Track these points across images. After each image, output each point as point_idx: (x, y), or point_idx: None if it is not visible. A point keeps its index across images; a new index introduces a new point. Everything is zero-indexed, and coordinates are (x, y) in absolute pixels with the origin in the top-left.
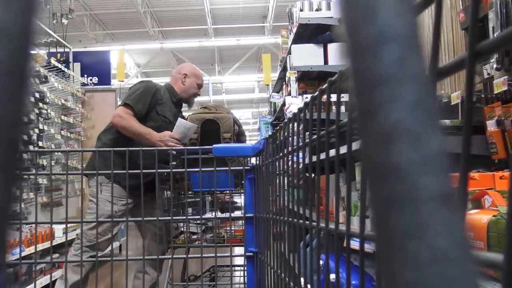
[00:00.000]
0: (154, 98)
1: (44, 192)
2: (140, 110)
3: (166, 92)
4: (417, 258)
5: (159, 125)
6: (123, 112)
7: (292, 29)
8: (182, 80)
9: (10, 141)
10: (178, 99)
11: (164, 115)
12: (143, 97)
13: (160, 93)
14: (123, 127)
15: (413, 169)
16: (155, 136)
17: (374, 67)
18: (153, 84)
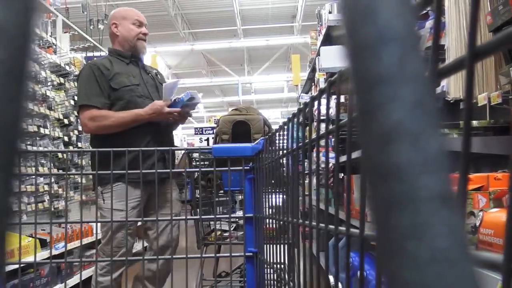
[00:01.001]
0: (99, 78)
1: (84, 191)
2: (100, 101)
3: (112, 60)
4: (417, 258)
5: (129, 98)
6: (87, 117)
7: (321, 30)
8: (114, 32)
9: (10, 141)
10: (129, 56)
11: (125, 85)
12: (91, 86)
13: (103, 67)
14: (103, 128)
15: (413, 169)
16: (145, 113)
17: (374, 67)
18: (88, 65)
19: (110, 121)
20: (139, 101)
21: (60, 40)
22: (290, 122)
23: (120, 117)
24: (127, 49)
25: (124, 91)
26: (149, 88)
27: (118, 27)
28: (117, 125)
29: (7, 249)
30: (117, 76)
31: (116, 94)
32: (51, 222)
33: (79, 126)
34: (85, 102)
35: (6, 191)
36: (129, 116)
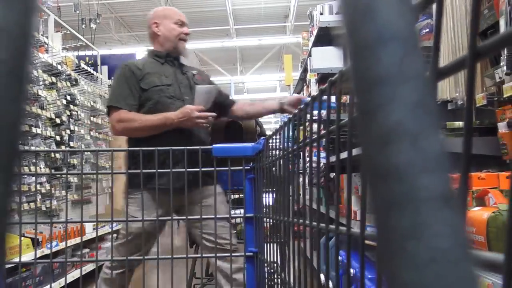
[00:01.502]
0: (130, 79)
1: (75, 190)
2: (130, 103)
3: (146, 60)
4: (417, 259)
5: (157, 99)
6: (115, 118)
7: (312, 31)
8: (155, 32)
9: (10, 141)
10: (165, 55)
11: (155, 85)
12: (120, 88)
13: (136, 68)
14: (130, 131)
15: (412, 170)
16: (175, 117)
17: (374, 67)
18: (121, 66)
19: (137, 123)
20: (168, 102)
21: (52, 39)
22: (291, 122)
23: (147, 120)
24: (167, 48)
25: (153, 92)
26: (182, 89)
27: (159, 27)
28: (145, 128)
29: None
30: (148, 76)
31: (145, 94)
32: (51, 222)
33: (71, 126)
34: (112, 104)
35: (6, 191)
36: (157, 120)
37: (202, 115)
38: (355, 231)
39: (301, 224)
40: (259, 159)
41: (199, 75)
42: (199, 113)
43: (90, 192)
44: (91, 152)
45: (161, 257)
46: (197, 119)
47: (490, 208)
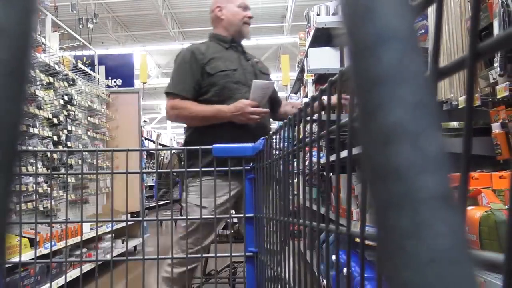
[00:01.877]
0: (194, 64)
1: (72, 190)
2: (186, 90)
3: (210, 44)
4: (417, 258)
5: (223, 84)
6: (170, 105)
7: (309, 32)
8: (218, 16)
9: (10, 141)
10: (230, 41)
11: (220, 70)
12: (180, 73)
13: (199, 52)
14: (182, 118)
15: (412, 170)
16: (228, 110)
17: (374, 67)
18: (187, 49)
19: (189, 112)
20: (234, 87)
21: (49, 39)
22: (291, 122)
23: (200, 111)
24: (231, 33)
25: (219, 76)
26: (247, 74)
27: (222, 10)
28: (195, 118)
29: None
30: (213, 61)
31: (210, 79)
32: (51, 222)
33: (68, 126)
34: (169, 90)
35: (6, 191)
36: (210, 111)
37: (257, 111)
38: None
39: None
40: (259, 159)
41: (259, 63)
42: (253, 108)
43: (88, 192)
44: (90, 152)
45: (161, 257)
46: (250, 115)
47: (483, 207)
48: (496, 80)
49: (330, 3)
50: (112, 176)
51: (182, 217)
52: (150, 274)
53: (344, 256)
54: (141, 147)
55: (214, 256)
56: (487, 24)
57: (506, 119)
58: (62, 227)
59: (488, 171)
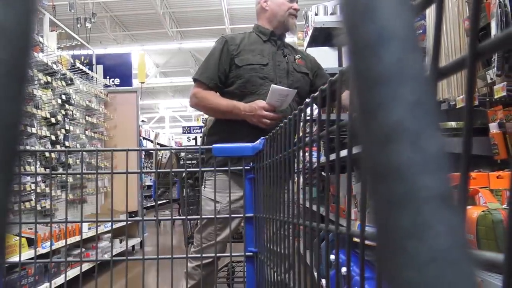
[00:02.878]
0: (224, 54)
1: (70, 190)
2: (210, 78)
3: (248, 36)
4: (417, 258)
5: (248, 78)
6: (193, 92)
7: (307, 31)
8: (263, 7)
9: (10, 141)
10: (269, 33)
11: (249, 63)
12: (209, 61)
13: (233, 42)
14: (200, 107)
15: (413, 169)
16: (243, 109)
17: (374, 66)
18: (222, 37)
19: (207, 103)
20: (259, 82)
21: (47, 39)
22: (291, 122)
23: (217, 104)
24: (275, 25)
25: (245, 69)
26: (278, 71)
27: (268, 1)
28: (213, 110)
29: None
30: (243, 53)
31: (238, 71)
32: (51, 222)
33: (66, 125)
34: (196, 77)
35: (6, 191)
36: (226, 106)
37: (269, 115)
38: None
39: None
40: (259, 159)
41: (301, 60)
42: (266, 113)
43: (86, 191)
44: (90, 152)
45: (161, 257)
46: (263, 118)
47: (480, 207)
48: (494, 80)
49: (328, 3)
50: (112, 176)
51: (181, 217)
52: (150, 274)
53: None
54: (140, 147)
55: (214, 256)
56: (484, 24)
57: (504, 119)
58: (60, 226)
59: (486, 171)
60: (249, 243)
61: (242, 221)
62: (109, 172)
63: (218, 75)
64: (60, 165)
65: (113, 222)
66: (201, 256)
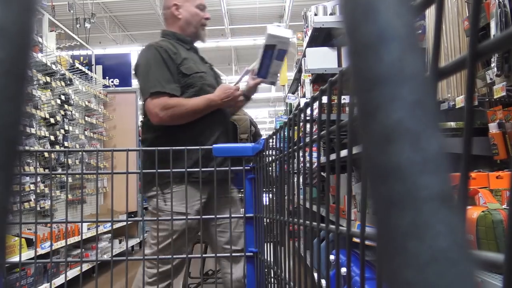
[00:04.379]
0: (168, 62)
1: (70, 190)
2: (174, 88)
3: (173, 43)
4: (417, 258)
5: (199, 87)
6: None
7: (307, 32)
8: (175, 15)
9: (10, 140)
10: (189, 41)
11: (195, 71)
12: (158, 71)
13: (170, 50)
14: (177, 118)
15: (413, 169)
16: (218, 98)
17: (374, 66)
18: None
19: (184, 109)
20: (207, 90)
21: (46, 39)
22: (291, 122)
23: (194, 104)
24: (188, 34)
25: (195, 78)
26: (211, 78)
27: (180, 9)
28: (191, 113)
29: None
30: (186, 62)
31: (187, 80)
32: (52, 222)
33: (65, 125)
34: (158, 89)
35: (6, 191)
36: (203, 103)
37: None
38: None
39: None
40: (259, 159)
41: (214, 67)
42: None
43: (86, 192)
44: (90, 152)
45: (161, 257)
46: (238, 97)
47: (480, 207)
48: (493, 80)
49: (327, 3)
50: (112, 176)
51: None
52: None
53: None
54: (139, 147)
55: (214, 256)
56: (484, 24)
57: (503, 119)
58: (59, 227)
59: (485, 171)
60: (249, 243)
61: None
62: (109, 172)
63: (175, 83)
64: (60, 165)
65: (113, 222)
66: (201, 256)
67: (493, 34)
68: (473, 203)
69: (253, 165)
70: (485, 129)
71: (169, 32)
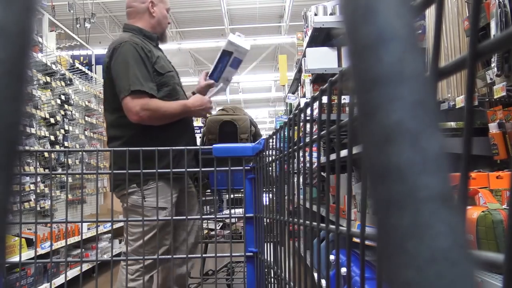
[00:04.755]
0: (145, 60)
1: (69, 190)
2: (152, 87)
3: (142, 40)
4: (417, 258)
5: (173, 85)
6: (141, 104)
7: (307, 32)
8: (150, 11)
9: (10, 140)
10: (156, 38)
11: (167, 70)
12: (138, 69)
13: (145, 48)
14: (155, 119)
15: (413, 169)
16: (192, 105)
17: (374, 67)
18: (130, 44)
19: (163, 112)
20: (178, 90)
21: (46, 39)
22: (291, 121)
23: (172, 109)
24: (155, 33)
25: (168, 77)
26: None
27: (155, 7)
28: (169, 116)
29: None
30: (159, 60)
31: (161, 78)
32: (52, 222)
33: (65, 125)
34: (138, 88)
35: (6, 191)
36: (179, 108)
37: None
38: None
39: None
40: (259, 159)
41: None
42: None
43: (86, 192)
44: (90, 152)
45: (161, 257)
46: (209, 110)
47: (480, 207)
48: (493, 80)
49: (327, 3)
50: (112, 176)
51: (181, 217)
52: None
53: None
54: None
55: (214, 256)
56: (484, 24)
57: (503, 119)
58: (59, 227)
59: (485, 171)
60: (249, 243)
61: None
62: (109, 172)
63: (153, 83)
64: (60, 165)
65: (113, 222)
66: (201, 256)
67: (493, 34)
68: (473, 203)
69: (253, 165)
70: (485, 129)
71: (135, 27)
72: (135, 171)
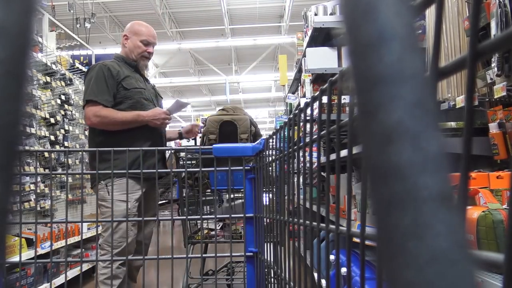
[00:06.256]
0: (108, 78)
1: (69, 190)
2: (107, 99)
3: (120, 64)
4: (418, 258)
5: (136, 100)
6: (93, 111)
7: (307, 32)
8: (123, 43)
9: (10, 140)
10: (134, 64)
11: (134, 87)
12: (99, 83)
13: (114, 68)
14: (105, 124)
15: (413, 169)
16: (146, 115)
17: (374, 66)
18: (101, 64)
19: (112, 118)
20: (145, 103)
21: (46, 39)
22: (291, 121)
23: (123, 116)
24: (131, 60)
25: (134, 92)
26: (151, 94)
27: (127, 40)
28: (120, 123)
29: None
30: (127, 78)
31: (126, 93)
32: (52, 222)
33: (66, 125)
34: (92, 98)
35: (6, 191)
36: (131, 116)
37: (168, 117)
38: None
39: (295, 224)
40: (259, 159)
41: (155, 88)
42: (167, 115)
43: (85, 192)
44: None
45: (161, 257)
46: (164, 120)
47: (480, 207)
48: (494, 80)
49: (328, 3)
50: (112, 175)
51: (181, 217)
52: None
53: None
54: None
55: (214, 256)
56: (484, 24)
57: (503, 119)
58: (59, 227)
59: (486, 171)
60: (249, 243)
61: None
62: (109, 171)
63: (111, 95)
64: (60, 165)
65: (113, 222)
66: (201, 256)
67: (493, 34)
68: (474, 203)
69: (253, 165)
70: (485, 129)
71: (119, 55)
72: (105, 171)
